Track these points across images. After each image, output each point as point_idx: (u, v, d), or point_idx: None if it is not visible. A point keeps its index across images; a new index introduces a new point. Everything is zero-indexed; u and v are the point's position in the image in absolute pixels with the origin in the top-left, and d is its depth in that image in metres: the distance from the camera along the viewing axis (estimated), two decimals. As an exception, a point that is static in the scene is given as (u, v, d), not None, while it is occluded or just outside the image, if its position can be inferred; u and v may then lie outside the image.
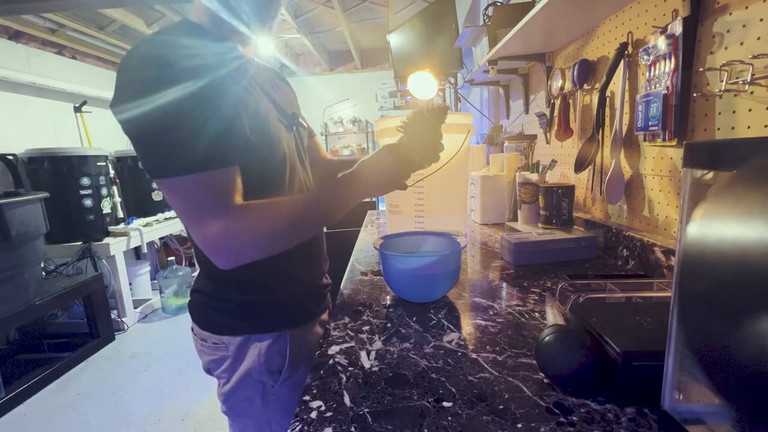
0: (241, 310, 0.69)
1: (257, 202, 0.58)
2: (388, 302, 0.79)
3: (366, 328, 0.68)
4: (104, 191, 2.90)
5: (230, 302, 0.69)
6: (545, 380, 0.50)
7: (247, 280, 0.69)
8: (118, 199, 3.14)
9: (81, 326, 2.71)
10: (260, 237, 0.57)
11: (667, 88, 0.78)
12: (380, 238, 0.86)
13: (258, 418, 0.73)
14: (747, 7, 0.64)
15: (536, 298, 0.77)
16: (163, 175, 0.53)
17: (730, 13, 0.67)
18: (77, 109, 3.39)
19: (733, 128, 0.68)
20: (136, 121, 0.51)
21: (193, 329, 0.76)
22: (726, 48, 0.68)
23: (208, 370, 0.75)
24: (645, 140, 0.90)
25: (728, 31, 0.68)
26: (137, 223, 3.07)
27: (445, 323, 0.68)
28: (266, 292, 0.71)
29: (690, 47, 0.74)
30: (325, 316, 0.82)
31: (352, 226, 1.77)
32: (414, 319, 0.71)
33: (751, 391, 0.26)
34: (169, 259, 3.21)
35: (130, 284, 3.08)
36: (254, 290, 0.70)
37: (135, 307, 3.04)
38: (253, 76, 0.67)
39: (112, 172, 3.06)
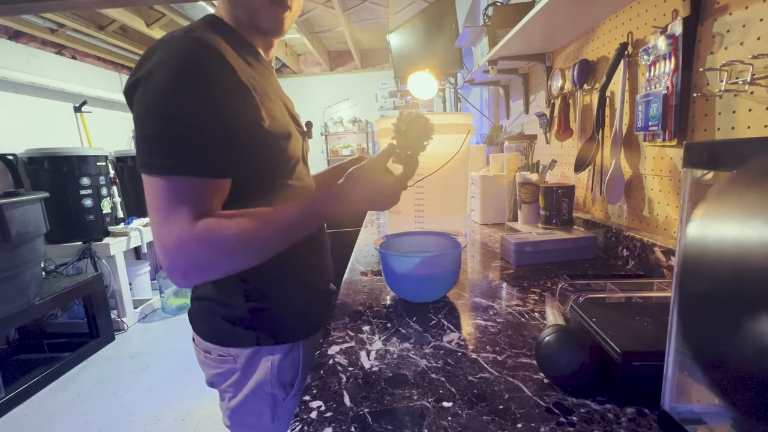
0: (252, 320, 0.65)
1: (226, 214, 0.54)
2: (388, 302, 0.79)
3: (366, 328, 0.68)
4: (104, 191, 2.90)
5: (239, 311, 0.64)
6: (545, 380, 0.50)
7: (258, 287, 0.65)
8: (118, 199, 3.14)
9: (81, 326, 2.71)
10: (221, 254, 0.53)
11: (667, 88, 0.78)
12: (380, 238, 0.86)
13: (266, 430, 0.70)
14: (747, 7, 0.64)
15: (536, 298, 0.77)
16: (149, 171, 0.52)
17: (730, 13, 0.67)
18: (77, 109, 3.39)
19: (733, 128, 0.68)
20: (147, 113, 0.51)
21: (194, 339, 0.71)
22: (726, 48, 0.68)
23: (212, 384, 0.71)
24: (645, 140, 0.90)
25: (728, 31, 0.68)
26: (137, 223, 3.07)
27: (445, 323, 0.68)
28: (277, 300, 0.66)
29: (690, 47, 0.74)
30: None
31: (352, 226, 1.77)
32: (414, 319, 0.71)
33: (751, 391, 0.26)
34: (169, 259, 3.21)
35: (130, 284, 3.08)
36: (265, 298, 0.65)
37: (135, 307, 3.04)
38: (271, 81, 0.67)
39: (112, 172, 3.06)
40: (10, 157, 2.58)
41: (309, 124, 0.78)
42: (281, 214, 0.57)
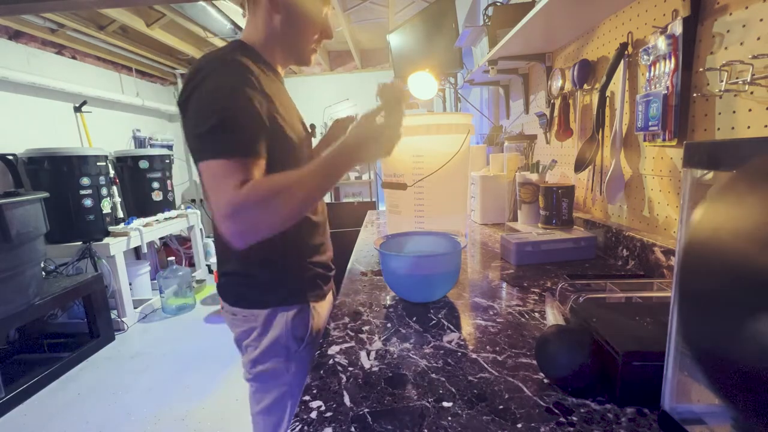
0: (271, 286, 0.80)
1: (266, 180, 0.66)
2: (388, 302, 0.79)
3: (366, 328, 0.68)
4: (104, 191, 2.90)
5: (260, 279, 0.80)
6: (545, 380, 0.50)
7: (277, 261, 0.80)
8: (118, 199, 3.14)
9: (81, 326, 2.70)
10: (265, 209, 0.63)
11: (667, 88, 0.78)
12: (380, 238, 0.86)
13: (281, 382, 0.82)
14: (747, 8, 0.64)
15: (536, 298, 0.77)
16: (205, 158, 0.65)
17: (730, 13, 0.67)
18: (77, 109, 3.38)
19: (733, 128, 0.68)
20: (202, 111, 0.66)
21: (222, 307, 0.86)
22: (726, 48, 0.68)
23: (239, 341, 0.85)
24: (645, 140, 0.90)
25: (728, 31, 0.68)
26: (137, 223, 3.07)
27: (445, 323, 0.68)
28: (292, 272, 0.82)
29: (690, 47, 0.74)
30: (329, 297, 0.94)
31: (352, 226, 1.77)
32: (414, 319, 0.71)
33: (751, 391, 0.26)
34: (169, 259, 3.21)
35: (130, 284, 3.07)
36: (282, 270, 0.81)
37: (135, 307, 3.03)
38: (284, 91, 0.83)
39: (112, 172, 3.06)
40: (10, 157, 2.58)
41: (312, 127, 0.87)
42: (306, 170, 0.68)
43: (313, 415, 0.46)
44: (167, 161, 3.68)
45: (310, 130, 0.86)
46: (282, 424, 0.83)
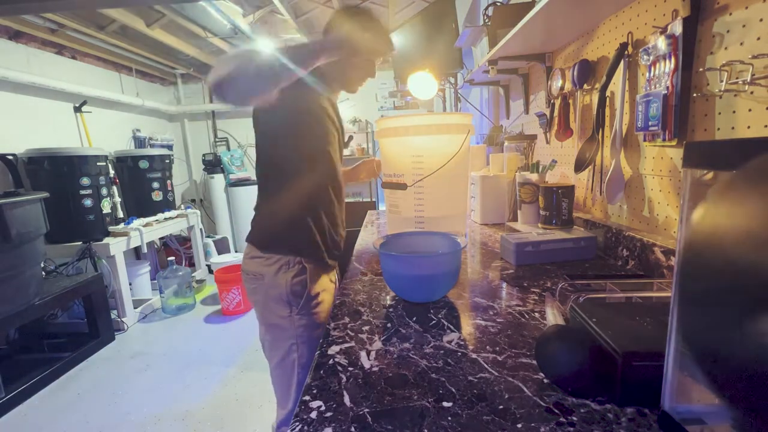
0: (291, 242, 0.99)
1: None
2: (388, 302, 0.79)
3: (366, 328, 0.68)
4: (104, 191, 2.90)
5: (283, 234, 0.99)
6: (545, 380, 0.50)
7: (300, 224, 0.98)
8: (118, 199, 3.14)
9: (81, 326, 2.70)
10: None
11: (667, 88, 0.78)
12: (380, 238, 0.86)
13: (288, 335, 0.99)
14: (747, 7, 0.64)
15: (536, 298, 0.77)
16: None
17: (730, 13, 0.67)
18: (77, 109, 3.38)
19: (733, 128, 0.68)
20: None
21: (243, 270, 1.04)
22: (726, 48, 0.68)
23: (251, 293, 1.03)
24: (645, 140, 0.90)
25: (728, 31, 0.68)
26: (137, 223, 3.06)
27: (445, 323, 0.68)
28: (310, 238, 0.99)
29: (690, 47, 0.74)
30: (333, 276, 1.11)
31: (352, 226, 1.77)
32: (414, 319, 0.71)
33: (750, 391, 0.26)
34: (169, 259, 3.21)
35: (130, 284, 3.07)
36: (303, 231, 0.99)
37: (135, 307, 3.03)
38: (336, 112, 1.04)
39: (112, 172, 3.06)
40: (10, 157, 2.58)
41: (350, 138, 1.03)
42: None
43: (313, 415, 0.46)
44: (167, 161, 3.68)
45: (348, 142, 1.04)
46: (293, 376, 0.99)
